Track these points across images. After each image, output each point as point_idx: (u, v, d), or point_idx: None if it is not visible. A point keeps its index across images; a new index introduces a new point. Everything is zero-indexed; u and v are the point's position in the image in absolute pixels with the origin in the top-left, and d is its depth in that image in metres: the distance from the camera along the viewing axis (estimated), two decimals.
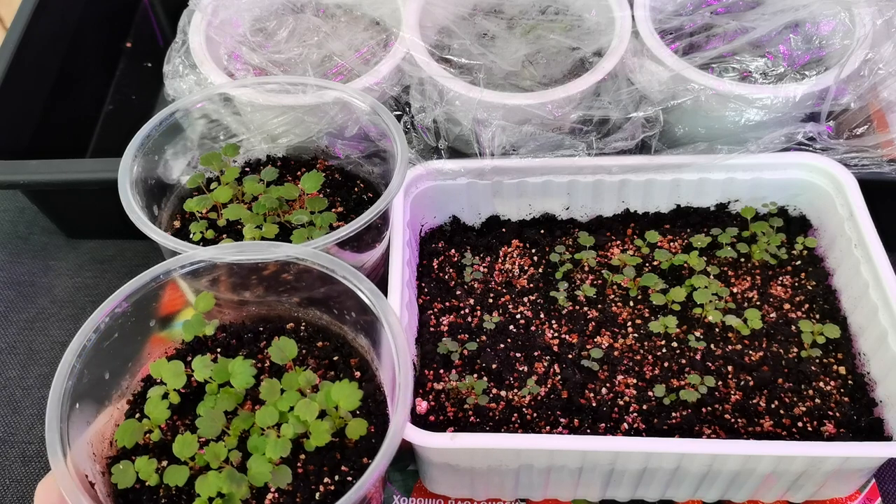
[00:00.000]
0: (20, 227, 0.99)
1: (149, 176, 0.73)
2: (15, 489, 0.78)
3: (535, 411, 0.68)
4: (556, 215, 0.82)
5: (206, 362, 0.59)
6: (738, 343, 0.72)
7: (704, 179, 0.79)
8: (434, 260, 0.80)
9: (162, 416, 0.58)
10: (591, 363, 0.70)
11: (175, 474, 0.54)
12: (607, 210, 0.82)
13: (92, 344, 0.57)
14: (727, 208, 0.81)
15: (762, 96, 0.77)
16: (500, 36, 0.88)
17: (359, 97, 0.75)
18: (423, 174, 0.78)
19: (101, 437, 0.59)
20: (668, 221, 0.82)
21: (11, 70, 0.92)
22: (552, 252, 0.79)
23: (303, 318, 0.66)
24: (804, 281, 0.76)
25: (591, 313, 0.75)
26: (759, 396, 0.69)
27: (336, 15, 0.93)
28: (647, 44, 0.81)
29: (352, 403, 0.56)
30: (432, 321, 0.74)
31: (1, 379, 0.85)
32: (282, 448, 0.54)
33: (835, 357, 0.71)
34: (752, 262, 0.78)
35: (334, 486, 0.56)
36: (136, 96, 1.10)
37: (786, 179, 0.78)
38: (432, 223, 0.83)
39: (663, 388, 0.68)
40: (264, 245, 0.62)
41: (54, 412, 0.53)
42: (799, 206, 0.80)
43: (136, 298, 0.60)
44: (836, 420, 0.67)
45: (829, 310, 0.74)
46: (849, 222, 0.73)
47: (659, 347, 0.72)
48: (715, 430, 0.67)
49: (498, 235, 0.82)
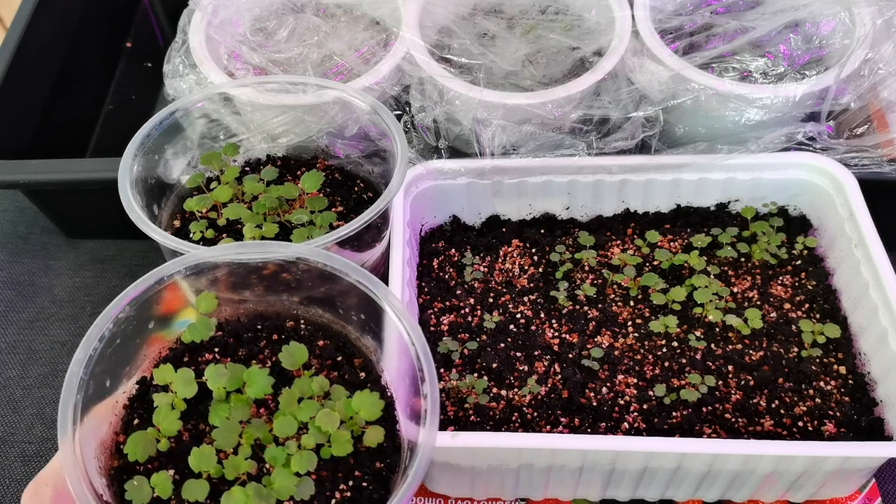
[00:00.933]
0: (20, 227, 0.99)
1: (149, 175, 0.73)
2: (15, 489, 0.78)
3: (535, 410, 0.68)
4: (557, 215, 0.82)
5: (220, 371, 0.56)
6: (739, 343, 0.72)
7: (704, 179, 0.79)
8: (434, 259, 0.80)
9: (173, 427, 0.55)
10: (592, 363, 0.70)
11: (195, 489, 0.52)
12: (607, 210, 0.82)
13: (97, 353, 0.55)
14: (727, 208, 0.81)
15: (762, 96, 0.77)
16: (500, 36, 0.88)
17: (359, 97, 0.75)
18: (423, 174, 0.78)
19: (102, 446, 0.56)
20: (668, 221, 0.81)
21: (11, 70, 0.92)
22: (552, 252, 0.79)
23: (302, 316, 0.66)
24: (804, 281, 0.76)
25: (592, 313, 0.75)
26: (760, 396, 0.68)
27: (336, 14, 0.93)
28: (647, 43, 0.81)
29: (373, 413, 0.55)
30: (432, 320, 0.74)
31: (1, 379, 0.85)
32: (308, 461, 0.53)
33: (835, 357, 0.71)
34: (753, 262, 0.78)
35: (350, 493, 0.55)
36: (136, 96, 1.10)
37: (786, 179, 0.78)
38: (432, 223, 0.82)
39: (664, 388, 0.68)
40: (271, 245, 0.61)
41: (67, 426, 0.50)
42: (799, 205, 0.80)
43: (139, 302, 0.58)
44: (836, 420, 0.67)
45: (830, 309, 0.74)
46: (849, 222, 0.72)
47: (659, 347, 0.72)
48: (715, 429, 0.66)
49: (498, 235, 0.82)
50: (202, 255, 0.60)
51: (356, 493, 0.55)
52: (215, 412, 0.56)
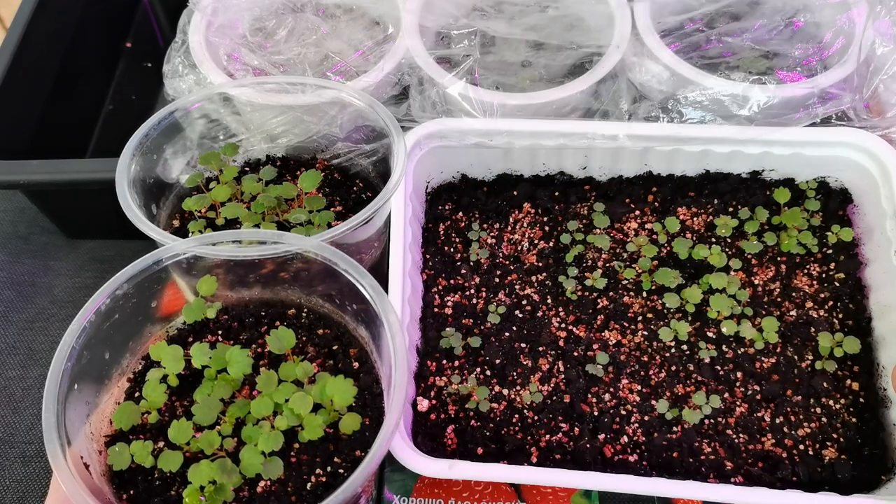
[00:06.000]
0: (20, 227, 0.99)
1: (147, 175, 0.73)
2: (15, 489, 0.78)
3: (536, 414, 0.67)
4: (573, 175, 0.79)
5: (204, 349, 0.59)
6: (751, 346, 0.70)
7: (737, 152, 0.72)
8: (440, 225, 0.78)
9: (160, 399, 0.58)
10: (596, 369, 0.69)
11: (170, 460, 0.55)
12: (628, 171, 0.77)
13: (93, 325, 0.57)
14: (760, 175, 0.75)
15: (762, 96, 0.77)
16: (500, 36, 0.88)
17: (358, 96, 0.75)
18: (430, 133, 0.75)
19: (101, 415, 0.59)
20: (694, 189, 0.76)
21: (11, 70, 0.92)
22: (563, 232, 0.76)
23: (305, 305, 0.67)
24: (833, 273, 0.72)
25: (602, 301, 0.73)
26: (765, 410, 0.67)
27: (336, 14, 0.93)
28: (647, 43, 0.81)
29: (346, 400, 0.56)
30: (437, 300, 0.73)
31: (1, 379, 0.85)
32: (274, 441, 0.54)
33: (850, 370, 0.69)
34: (779, 249, 0.74)
35: (326, 478, 0.56)
36: (136, 96, 1.10)
37: (827, 156, 0.71)
38: (439, 178, 0.79)
39: (666, 405, 0.67)
40: (267, 234, 0.61)
41: (52, 393, 0.53)
42: (841, 179, 0.73)
43: (137, 280, 0.60)
44: (838, 445, 0.66)
45: (854, 311, 0.71)
46: (892, 221, 0.67)
47: (668, 348, 0.71)
48: (714, 447, 0.66)
49: (508, 198, 0.79)
50: (203, 238, 0.61)
51: (332, 479, 0.56)
52: (200, 390, 0.58)
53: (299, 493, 0.55)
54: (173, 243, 0.61)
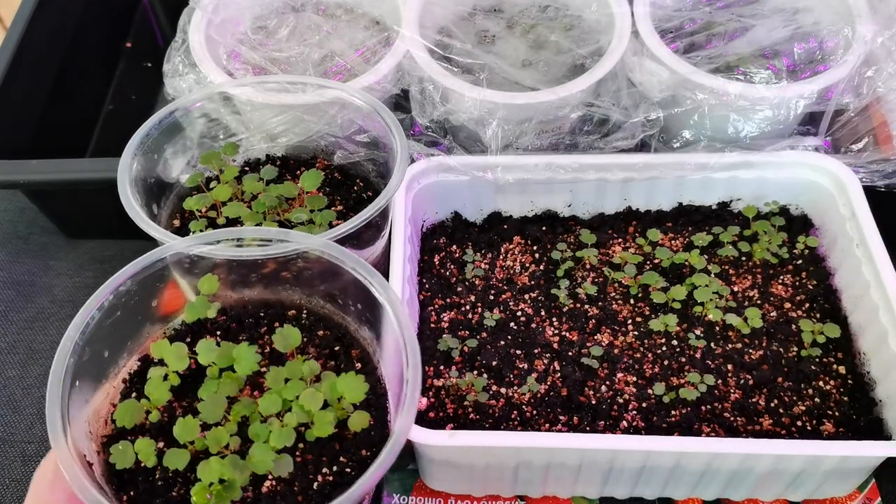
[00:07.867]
0: (20, 227, 0.99)
1: (148, 175, 0.73)
2: (15, 489, 0.78)
3: (534, 409, 0.68)
4: (559, 212, 0.82)
5: (210, 346, 0.58)
6: (739, 342, 0.72)
7: (708, 178, 0.79)
8: (435, 256, 0.80)
9: (163, 397, 0.58)
10: (591, 361, 0.70)
11: (176, 458, 0.54)
12: (609, 207, 0.82)
13: (95, 321, 0.56)
14: (729, 207, 0.81)
15: (762, 96, 0.77)
16: (500, 35, 0.88)
17: (359, 96, 0.75)
18: (425, 169, 0.78)
19: (97, 415, 0.58)
20: (670, 219, 0.81)
21: (11, 70, 0.92)
22: (554, 250, 0.79)
23: (305, 306, 0.67)
24: (805, 280, 0.76)
25: (592, 311, 0.75)
26: (759, 395, 0.68)
27: (336, 14, 0.93)
28: (647, 43, 0.81)
29: (357, 396, 0.56)
30: (433, 317, 0.74)
31: (1, 379, 0.85)
32: (286, 437, 0.54)
33: (835, 356, 0.71)
34: (753, 261, 0.78)
35: (332, 477, 0.56)
36: (136, 96, 1.10)
37: (788, 178, 0.78)
38: (434, 219, 0.82)
39: (663, 387, 0.68)
40: (273, 232, 0.61)
41: (56, 388, 0.52)
42: (801, 205, 0.80)
43: (141, 277, 0.59)
44: (835, 419, 0.67)
45: (830, 309, 0.74)
46: (851, 222, 0.72)
47: (659, 345, 0.72)
48: (714, 428, 0.66)
49: (500, 232, 0.82)
50: (204, 236, 0.61)
51: (339, 478, 0.56)
52: (205, 388, 0.58)
53: (305, 492, 0.55)
54: (177, 240, 0.61)
